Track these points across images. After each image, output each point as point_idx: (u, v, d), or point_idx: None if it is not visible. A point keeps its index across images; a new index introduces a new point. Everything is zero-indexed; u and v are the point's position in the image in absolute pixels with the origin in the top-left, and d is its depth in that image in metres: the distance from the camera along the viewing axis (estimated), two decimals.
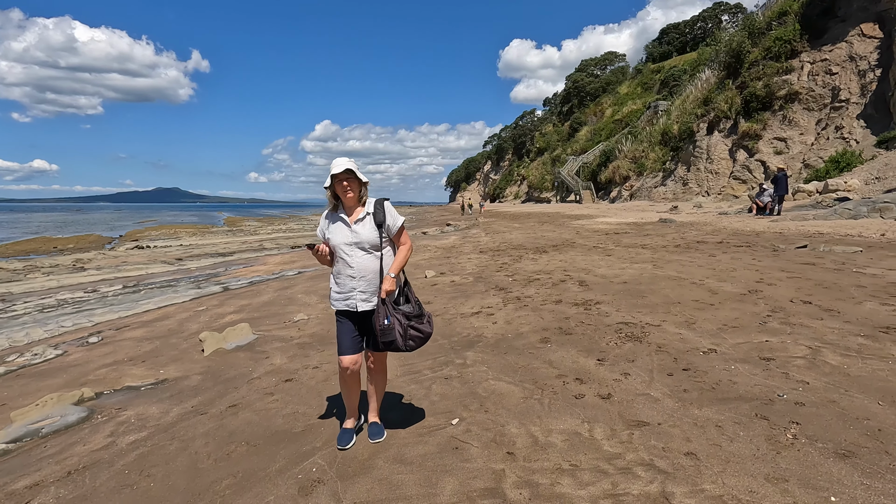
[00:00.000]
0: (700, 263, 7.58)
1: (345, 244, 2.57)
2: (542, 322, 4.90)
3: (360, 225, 2.57)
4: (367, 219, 2.58)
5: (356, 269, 2.56)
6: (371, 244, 2.57)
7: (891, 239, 8.74)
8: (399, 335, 2.51)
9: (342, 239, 2.57)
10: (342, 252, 2.58)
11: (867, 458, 2.20)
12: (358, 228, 2.57)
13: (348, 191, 2.53)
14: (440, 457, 2.52)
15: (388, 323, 2.49)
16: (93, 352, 5.63)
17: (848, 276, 5.98)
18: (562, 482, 2.21)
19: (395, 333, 2.50)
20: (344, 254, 2.58)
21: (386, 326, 2.49)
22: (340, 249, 2.58)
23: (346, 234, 2.57)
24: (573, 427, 2.71)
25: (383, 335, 2.50)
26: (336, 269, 2.64)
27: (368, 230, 2.57)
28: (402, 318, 2.52)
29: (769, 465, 2.21)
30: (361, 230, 2.57)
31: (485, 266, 9.06)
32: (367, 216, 2.59)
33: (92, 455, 2.95)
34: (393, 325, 2.49)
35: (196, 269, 14.75)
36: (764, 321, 4.35)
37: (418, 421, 2.94)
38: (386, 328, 2.49)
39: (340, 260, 2.60)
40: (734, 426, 2.58)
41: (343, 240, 2.57)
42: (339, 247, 2.58)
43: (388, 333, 2.50)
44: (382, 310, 2.51)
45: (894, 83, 22.03)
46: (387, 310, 2.51)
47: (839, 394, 2.85)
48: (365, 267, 2.57)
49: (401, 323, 2.51)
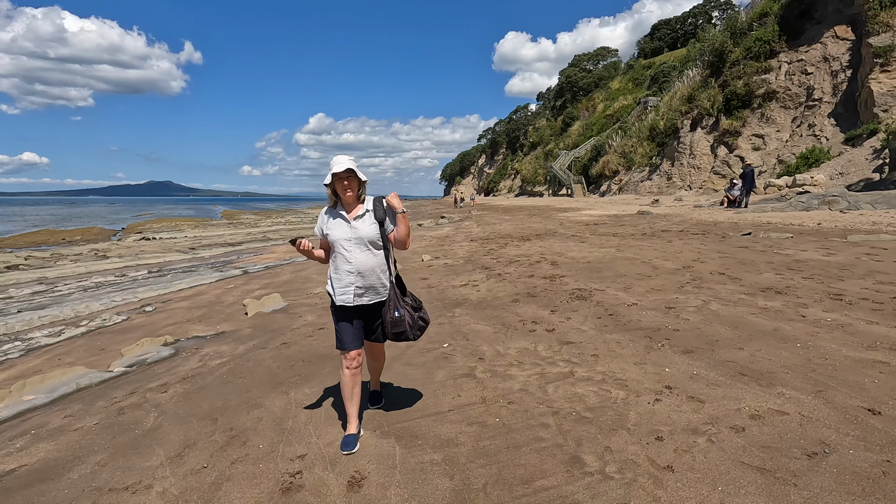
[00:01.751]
0: (656, 248, 8.94)
1: (344, 240, 2.62)
2: (515, 290, 6.24)
3: (360, 221, 2.63)
4: (366, 215, 2.65)
5: (354, 265, 2.62)
6: (370, 240, 2.63)
7: (823, 227, 10.14)
8: (409, 326, 2.67)
9: (341, 234, 2.63)
10: (341, 248, 2.63)
11: (699, 354, 3.55)
12: (357, 224, 2.62)
13: (348, 189, 2.58)
14: (435, 362, 3.84)
15: (398, 315, 2.63)
16: (152, 317, 6.93)
17: (766, 255, 7.35)
18: (510, 371, 3.54)
19: (406, 324, 2.65)
20: (343, 249, 2.63)
21: (397, 318, 2.63)
22: (340, 245, 2.63)
23: (346, 229, 2.63)
24: (524, 346, 4.05)
25: (394, 326, 2.64)
26: (335, 265, 2.70)
27: (368, 226, 2.63)
28: (410, 310, 2.69)
29: (639, 359, 3.56)
30: (361, 226, 2.62)
31: (474, 251, 10.38)
32: (366, 213, 2.65)
33: (193, 370, 4.26)
34: (403, 316, 2.64)
35: (210, 257, 15.99)
36: (682, 286, 5.71)
37: (420, 346, 4.26)
38: (397, 319, 2.63)
39: (339, 255, 2.66)
40: (627, 342, 3.93)
41: (342, 235, 2.62)
42: (339, 242, 2.63)
43: (399, 324, 2.64)
44: (393, 301, 2.66)
45: (861, 83, 23.45)
46: (397, 301, 2.66)
47: (704, 325, 4.20)
48: (363, 263, 2.62)
49: (410, 315, 2.68)
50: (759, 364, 3.29)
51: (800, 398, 2.76)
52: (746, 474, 2.12)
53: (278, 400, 3.37)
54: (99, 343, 5.70)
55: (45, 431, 3.28)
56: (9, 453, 3.00)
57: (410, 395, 3.24)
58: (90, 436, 3.12)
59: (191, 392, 3.71)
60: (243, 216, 57.51)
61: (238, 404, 3.37)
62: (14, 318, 7.39)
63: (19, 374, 4.75)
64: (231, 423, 3.08)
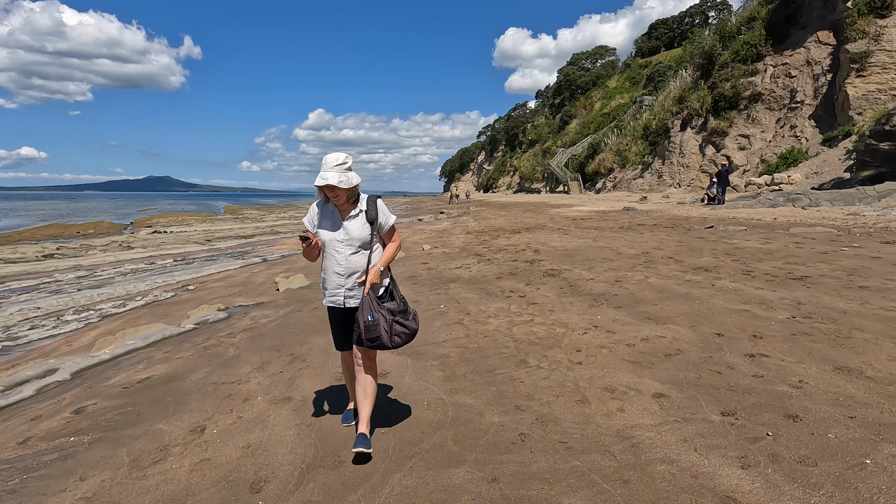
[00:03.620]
0: (627, 238, 10.27)
1: (335, 241, 2.55)
2: (500, 270, 7.57)
3: (352, 222, 2.55)
4: (359, 216, 2.56)
5: (345, 267, 2.55)
6: (362, 242, 2.55)
7: (777, 221, 11.47)
8: (384, 331, 2.47)
9: (332, 235, 2.56)
10: (332, 248, 2.56)
11: (625, 308, 4.89)
12: (349, 225, 2.55)
13: (338, 197, 2.51)
14: (434, 317, 5.17)
15: (372, 319, 2.46)
16: (196, 293, 8.26)
17: (714, 244, 8.69)
18: (488, 320, 4.86)
19: (381, 329, 2.46)
20: (333, 250, 2.56)
21: (370, 322, 2.45)
22: (330, 246, 2.57)
23: (338, 230, 2.56)
24: (501, 306, 5.38)
25: (368, 331, 2.46)
26: (324, 265, 2.63)
27: (360, 227, 2.55)
28: (386, 314, 2.49)
29: (582, 312, 4.89)
30: (352, 227, 2.55)
31: (469, 242, 11.72)
32: (359, 213, 2.57)
33: (249, 325, 5.59)
34: (377, 320, 2.46)
35: (226, 248, 17.32)
36: (634, 266, 7.05)
37: (422, 307, 5.59)
38: (370, 324, 2.46)
39: (329, 256, 2.59)
40: (577, 302, 5.26)
41: (333, 236, 2.56)
42: (329, 243, 2.56)
43: (373, 329, 2.46)
44: (367, 305, 2.48)
45: (839, 87, 24.73)
46: (371, 305, 2.48)
47: (637, 292, 5.54)
48: (354, 264, 2.55)
49: (385, 319, 2.48)
50: (663, 313, 4.62)
51: (678, 329, 4.10)
52: (624, 365, 3.45)
53: (321, 339, 4.70)
54: (161, 311, 7.03)
55: (156, 360, 4.62)
56: (137, 371, 4.34)
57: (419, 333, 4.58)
58: (191, 360, 4.46)
59: (254, 336, 5.05)
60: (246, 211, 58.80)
61: (292, 342, 4.71)
62: (79, 295, 8.72)
63: (107, 332, 6.08)
64: (291, 351, 4.42)
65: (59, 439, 3.08)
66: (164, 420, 3.20)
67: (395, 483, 2.27)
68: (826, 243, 7.91)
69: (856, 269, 5.87)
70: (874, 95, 22.92)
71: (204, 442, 2.84)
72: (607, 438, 2.51)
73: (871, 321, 3.96)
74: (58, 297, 8.76)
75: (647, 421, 2.65)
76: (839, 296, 4.78)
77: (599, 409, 2.82)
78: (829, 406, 2.64)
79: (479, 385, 3.30)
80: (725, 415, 2.64)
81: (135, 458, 2.72)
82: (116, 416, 3.36)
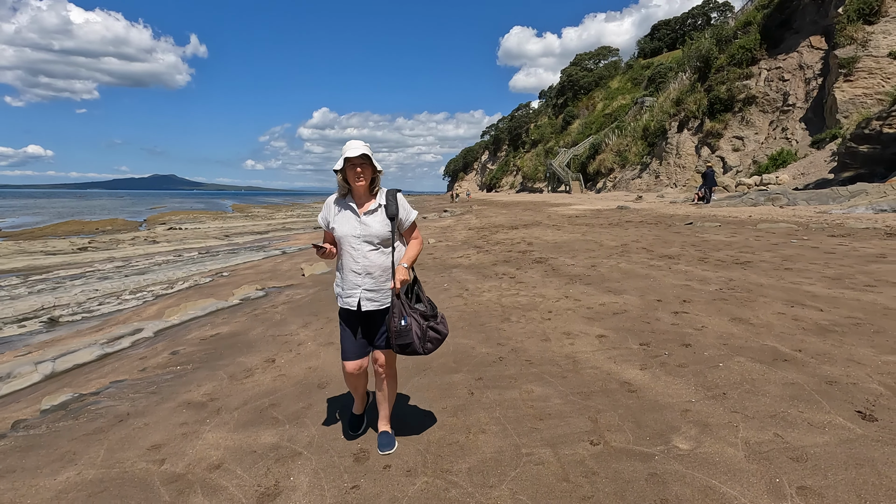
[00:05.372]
0: (611, 233, 11.42)
1: (352, 237, 2.40)
2: (495, 259, 8.74)
3: (371, 217, 2.41)
4: (378, 210, 2.41)
5: (362, 266, 2.40)
6: (381, 239, 2.40)
7: (752, 218, 12.57)
8: (417, 337, 2.31)
9: (349, 231, 2.40)
10: (349, 246, 2.41)
11: (593, 285, 6.04)
12: (368, 220, 2.40)
13: (360, 177, 2.35)
14: (438, 293, 6.34)
15: (405, 324, 2.30)
16: (231, 279, 9.46)
17: (686, 237, 9.82)
18: (483, 294, 6.03)
19: (413, 335, 2.30)
20: (350, 247, 2.41)
21: (403, 328, 2.29)
22: (347, 243, 2.41)
23: (355, 225, 2.40)
24: (494, 284, 6.55)
25: (399, 337, 2.30)
26: (340, 264, 2.48)
27: (379, 223, 2.40)
28: (419, 319, 2.34)
29: (559, 288, 6.05)
30: (372, 223, 2.40)
31: (470, 237, 12.89)
32: (379, 208, 2.42)
33: (286, 300, 6.77)
34: (410, 325, 2.30)
35: (244, 242, 18.56)
36: (610, 255, 8.20)
37: (428, 287, 6.75)
38: (403, 329, 2.29)
39: (346, 254, 2.43)
40: (556, 281, 6.42)
41: (351, 232, 2.40)
42: (346, 239, 2.41)
43: (405, 335, 2.30)
44: (398, 309, 2.32)
45: (828, 91, 25.73)
46: (403, 309, 2.33)
47: (607, 273, 6.69)
48: (372, 263, 2.40)
49: (419, 324, 2.33)
50: (622, 287, 5.78)
51: (629, 298, 5.26)
52: (582, 320, 4.62)
53: None
54: (206, 292, 8.24)
55: (217, 323, 5.81)
56: (206, 329, 5.53)
57: None
58: (247, 323, 5.65)
59: (293, 308, 6.24)
60: (254, 209, 60.20)
61: (326, 310, 5.89)
62: (128, 280, 9.96)
63: (167, 306, 7.28)
64: (326, 315, 5.60)
65: (168, 368, 4.27)
66: (242, 356, 4.39)
67: (415, 381, 3.44)
68: (781, 237, 9.03)
69: (791, 257, 7.01)
70: (860, 99, 23.90)
71: (277, 367, 4.02)
72: (558, 358, 3.67)
73: (777, 291, 5.10)
74: (109, 283, 10.00)
75: (587, 349, 3.82)
76: (765, 275, 5.93)
77: (557, 344, 3.99)
78: (714, 339, 3.80)
79: (472, 332, 4.48)
80: (642, 345, 3.81)
81: (230, 375, 3.91)
82: (204, 355, 4.56)
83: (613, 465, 2.27)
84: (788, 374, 3.07)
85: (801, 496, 1.96)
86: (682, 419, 2.63)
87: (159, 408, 3.37)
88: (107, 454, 2.75)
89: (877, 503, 1.89)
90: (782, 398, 2.78)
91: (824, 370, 3.10)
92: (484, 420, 2.80)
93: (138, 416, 3.26)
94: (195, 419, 3.12)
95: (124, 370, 4.33)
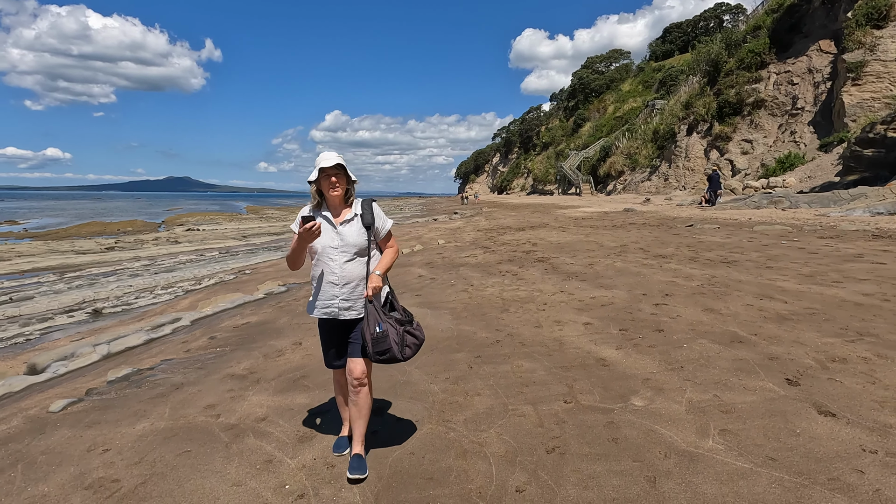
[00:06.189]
0: (613, 235, 11.92)
1: (329, 247, 2.37)
2: (500, 258, 9.31)
3: (347, 227, 2.39)
4: (354, 220, 2.40)
5: (339, 276, 2.37)
6: (357, 248, 2.39)
7: (752, 220, 12.98)
8: (394, 343, 2.31)
9: (326, 242, 2.37)
10: (326, 257, 2.38)
11: (588, 281, 6.59)
12: (344, 231, 2.38)
13: (336, 187, 2.33)
14: (445, 286, 6.93)
15: (380, 330, 2.28)
16: (253, 276, 10.14)
17: (683, 238, 10.29)
18: (486, 289, 6.61)
19: (390, 341, 2.30)
20: (328, 258, 2.38)
21: (379, 334, 2.28)
22: (324, 253, 2.38)
23: (331, 236, 2.38)
24: (497, 280, 7.12)
25: (377, 344, 2.28)
26: (315, 274, 2.46)
27: (356, 233, 2.39)
28: (395, 325, 2.35)
29: (556, 283, 6.61)
30: (348, 233, 2.38)
31: (478, 238, 13.47)
32: (355, 217, 2.41)
33: (307, 294, 7.40)
34: (386, 331, 2.30)
35: (262, 243, 19.32)
36: (608, 255, 8.72)
37: (437, 283, 7.34)
38: (379, 336, 2.28)
39: (322, 265, 2.41)
40: (554, 278, 6.97)
41: (327, 242, 2.37)
42: (323, 250, 2.38)
43: (382, 342, 2.29)
44: (373, 316, 2.30)
45: (836, 95, 25.88)
46: (378, 315, 2.31)
47: (602, 271, 7.23)
48: (349, 273, 2.38)
49: (395, 329, 2.33)
50: (613, 283, 6.32)
51: (618, 292, 5.80)
52: (573, 311, 5.17)
53: None
54: (232, 287, 8.92)
55: (246, 313, 6.46)
56: (237, 319, 6.18)
57: (435, 297, 6.35)
58: (274, 313, 6.29)
59: None
60: (268, 211, 61.39)
61: None
62: (158, 277, 10.70)
63: (198, 300, 7.96)
64: None
65: (209, 349, 4.91)
66: (272, 340, 5.02)
67: (423, 358, 4.02)
68: (773, 238, 9.48)
69: (776, 256, 7.48)
70: (868, 103, 24.05)
71: (304, 348, 4.64)
72: (547, 341, 4.24)
73: (752, 286, 5.61)
74: (140, 279, 10.75)
75: (573, 334, 4.38)
76: (746, 272, 6.43)
77: (547, 330, 4.56)
78: (685, 326, 4.34)
79: (474, 320, 5.06)
80: (621, 330, 4.36)
81: (264, 355, 4.53)
82: (239, 339, 5.19)
83: (580, 417, 2.84)
84: (739, 353, 3.61)
85: (721, 435, 2.51)
86: (642, 385, 3.19)
87: (207, 379, 4.00)
88: (171, 411, 3.38)
89: (777, 440, 2.44)
90: (729, 370, 3.32)
91: (771, 349, 3.63)
92: (479, 387, 3.38)
93: (191, 385, 3.89)
94: (239, 387, 3.74)
95: (171, 351, 4.98)
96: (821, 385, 3.00)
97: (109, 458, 2.76)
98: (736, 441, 2.45)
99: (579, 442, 2.56)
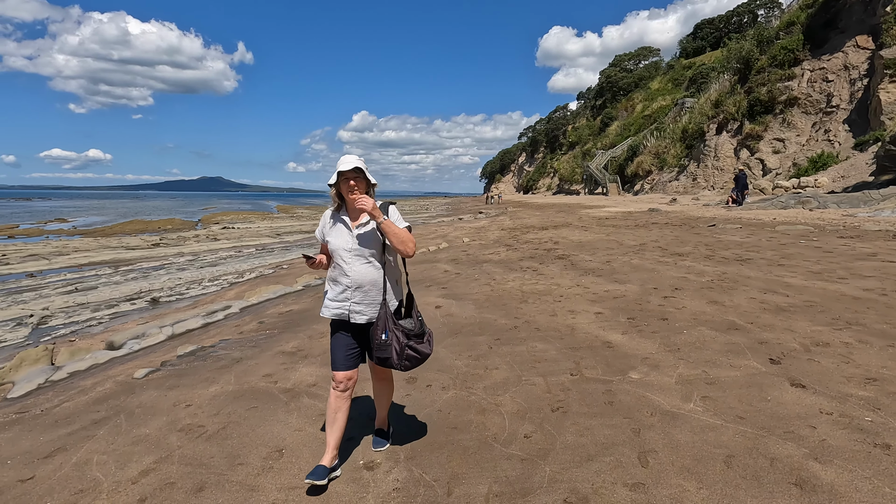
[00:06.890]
0: (635, 234, 12.20)
1: (344, 250, 2.40)
2: (522, 255, 9.76)
3: (364, 230, 2.41)
4: (370, 224, 2.42)
5: (353, 279, 2.40)
6: (373, 252, 2.41)
7: (776, 220, 13.04)
8: (395, 352, 2.37)
9: (342, 244, 2.41)
10: (340, 259, 2.42)
11: (604, 276, 7.00)
12: (360, 234, 2.41)
13: (354, 191, 2.35)
14: (469, 281, 7.44)
15: (385, 338, 2.37)
16: (290, 271, 10.87)
17: (703, 238, 10.53)
18: (507, 283, 7.09)
19: (392, 350, 2.37)
20: (342, 260, 2.41)
21: (383, 341, 2.37)
22: (339, 255, 2.42)
23: (347, 239, 2.41)
24: (518, 275, 7.59)
25: (379, 349, 2.39)
26: (332, 275, 2.49)
27: (372, 237, 2.41)
28: (400, 335, 2.38)
29: (573, 278, 7.04)
30: (364, 236, 2.40)
31: (502, 236, 13.93)
32: (370, 221, 2.42)
33: None
34: (390, 340, 2.36)
35: (294, 241, 20.20)
36: (626, 253, 9.07)
37: (462, 277, 7.86)
38: (383, 343, 2.37)
39: (337, 266, 2.45)
40: (572, 273, 7.40)
41: (343, 245, 2.41)
42: (338, 252, 2.42)
43: (384, 349, 2.38)
44: (382, 322, 2.38)
45: (873, 92, 25.23)
46: (387, 323, 2.38)
47: (619, 267, 7.61)
48: (363, 277, 2.40)
49: (398, 340, 2.38)
50: (628, 278, 6.72)
51: (631, 286, 6.21)
52: (587, 302, 5.61)
53: None
54: (272, 280, 9.64)
55: (289, 302, 7.12)
56: (281, 307, 6.84)
57: (459, 289, 6.87)
58: (313, 303, 6.92)
59: None
60: (298, 210, 63.07)
61: None
62: (204, 271, 11.55)
63: (243, 291, 8.68)
64: None
65: (260, 332, 5.56)
66: (315, 324, 5.63)
67: (448, 341, 4.56)
68: (792, 238, 9.64)
69: (791, 255, 7.72)
70: None
71: None
72: (561, 327, 4.71)
73: (759, 282, 5.94)
74: (187, 273, 11.62)
75: (585, 321, 4.84)
76: (757, 270, 6.73)
77: (561, 318, 5.02)
78: (688, 315, 4.74)
79: (495, 310, 5.56)
80: (629, 319, 4.80)
81: (309, 336, 5.14)
82: (285, 323, 5.83)
83: (583, 386, 3.32)
84: (733, 338, 4.01)
85: (701, 400, 2.96)
86: (641, 363, 3.64)
87: (262, 354, 4.62)
88: (236, 378, 4.01)
89: (749, 404, 2.87)
90: (720, 352, 3.74)
91: (762, 335, 4.02)
92: (497, 362, 3.89)
93: (249, 359, 4.52)
94: (290, 361, 4.35)
95: (227, 333, 5.65)
96: (800, 364, 3.40)
97: (192, 411, 3.38)
98: (713, 405, 2.89)
99: (580, 404, 3.05)
